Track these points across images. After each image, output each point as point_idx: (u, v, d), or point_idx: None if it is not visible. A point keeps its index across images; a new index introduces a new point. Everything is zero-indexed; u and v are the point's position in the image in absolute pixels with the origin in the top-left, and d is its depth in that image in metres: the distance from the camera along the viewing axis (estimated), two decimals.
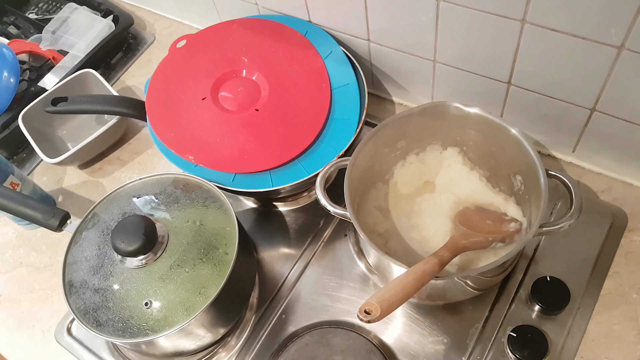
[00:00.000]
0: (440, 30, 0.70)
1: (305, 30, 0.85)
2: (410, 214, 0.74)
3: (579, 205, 0.61)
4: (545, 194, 0.61)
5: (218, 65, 0.84)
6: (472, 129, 0.70)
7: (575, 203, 0.61)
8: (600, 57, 0.60)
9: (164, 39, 1.09)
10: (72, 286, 0.67)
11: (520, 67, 0.68)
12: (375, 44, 0.81)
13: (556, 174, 0.63)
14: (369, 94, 0.83)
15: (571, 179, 0.63)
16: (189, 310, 0.63)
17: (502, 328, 0.67)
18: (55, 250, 0.86)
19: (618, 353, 0.64)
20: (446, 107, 0.69)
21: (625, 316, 0.66)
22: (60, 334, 0.78)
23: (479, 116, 0.68)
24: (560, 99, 0.69)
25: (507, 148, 0.67)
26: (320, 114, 0.78)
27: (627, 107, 0.65)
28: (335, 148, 0.75)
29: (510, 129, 0.66)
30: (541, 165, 0.62)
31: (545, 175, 0.62)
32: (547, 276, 0.68)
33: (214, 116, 0.80)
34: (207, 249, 0.67)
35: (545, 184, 0.61)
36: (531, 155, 0.64)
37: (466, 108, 0.68)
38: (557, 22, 0.60)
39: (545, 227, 0.60)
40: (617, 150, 0.73)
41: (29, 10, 1.16)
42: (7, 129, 0.95)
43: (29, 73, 1.03)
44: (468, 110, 0.68)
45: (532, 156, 0.64)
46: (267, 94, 0.80)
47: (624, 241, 0.71)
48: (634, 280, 0.68)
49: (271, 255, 0.79)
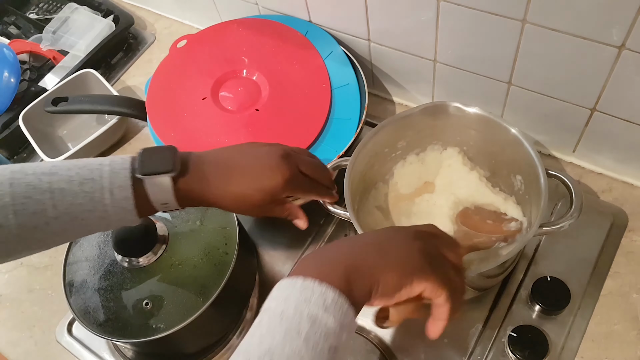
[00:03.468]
0: (440, 30, 0.70)
1: (306, 30, 0.85)
2: (411, 214, 0.74)
3: (579, 204, 0.60)
4: (546, 193, 0.61)
5: (218, 65, 0.84)
6: (472, 128, 0.70)
7: (575, 202, 0.61)
8: (600, 57, 0.60)
9: (165, 39, 1.09)
10: (72, 286, 0.67)
11: (520, 67, 0.68)
12: (376, 43, 0.81)
13: (556, 174, 0.63)
14: (369, 93, 0.83)
15: (571, 179, 0.63)
16: (189, 310, 0.63)
17: (502, 328, 0.67)
18: (55, 250, 0.85)
19: (618, 353, 0.64)
20: (446, 107, 0.69)
21: (626, 316, 0.66)
22: (61, 334, 0.78)
23: (479, 116, 0.68)
24: (560, 99, 0.69)
25: (507, 148, 0.67)
26: (320, 114, 0.78)
27: (627, 107, 0.65)
28: (335, 148, 0.75)
29: (510, 128, 0.66)
30: (541, 164, 0.62)
31: (545, 175, 0.62)
32: (548, 276, 0.68)
33: (214, 116, 0.80)
34: (207, 249, 0.67)
35: (545, 184, 0.61)
36: (531, 155, 0.64)
37: (466, 108, 0.68)
38: (558, 22, 0.60)
39: (545, 227, 0.60)
40: (618, 150, 0.73)
41: (30, 10, 1.17)
42: (8, 129, 0.95)
43: (29, 73, 1.03)
44: (468, 110, 0.68)
45: (532, 156, 0.63)
46: (267, 94, 0.80)
47: (624, 241, 0.71)
48: (635, 280, 0.68)
49: (271, 255, 0.79)
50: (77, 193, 0.48)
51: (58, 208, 0.47)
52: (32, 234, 0.47)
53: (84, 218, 0.48)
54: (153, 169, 0.50)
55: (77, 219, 0.48)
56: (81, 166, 0.49)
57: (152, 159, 0.51)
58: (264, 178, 0.54)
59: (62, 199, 0.47)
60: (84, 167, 0.49)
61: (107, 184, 0.48)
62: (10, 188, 0.46)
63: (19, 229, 0.46)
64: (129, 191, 0.49)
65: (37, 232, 0.47)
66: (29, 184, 0.47)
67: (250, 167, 0.55)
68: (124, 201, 0.49)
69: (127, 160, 0.50)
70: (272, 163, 0.55)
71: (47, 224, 0.47)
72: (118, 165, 0.50)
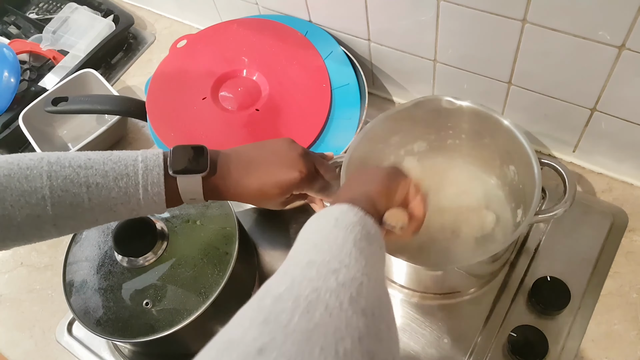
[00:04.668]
0: (440, 30, 0.70)
1: (306, 30, 0.85)
2: None
3: (573, 192, 0.61)
4: (539, 182, 0.61)
5: (218, 65, 0.84)
6: (465, 121, 0.70)
7: (568, 190, 0.61)
8: (600, 57, 0.60)
9: (165, 39, 1.09)
10: (72, 286, 0.67)
11: (520, 67, 0.68)
12: (376, 43, 0.81)
13: (549, 162, 0.64)
14: (369, 93, 0.83)
15: (564, 167, 0.63)
16: (189, 310, 0.63)
17: (502, 328, 0.67)
18: (55, 250, 0.86)
19: (618, 353, 0.64)
20: (438, 101, 0.70)
21: (626, 316, 0.66)
22: (61, 334, 0.78)
23: (471, 108, 0.68)
24: (560, 99, 0.69)
25: (499, 139, 0.68)
26: (320, 114, 0.78)
27: (627, 107, 0.65)
28: (335, 148, 0.75)
29: (502, 120, 0.66)
30: (534, 154, 0.63)
31: (538, 164, 0.62)
32: (547, 276, 0.68)
33: (214, 116, 0.80)
34: (207, 249, 0.67)
35: (538, 172, 0.61)
36: (524, 145, 0.64)
37: (457, 101, 0.68)
38: (558, 22, 0.60)
39: (540, 215, 0.61)
40: (618, 150, 0.73)
41: (30, 10, 1.17)
42: (8, 128, 0.96)
43: (29, 73, 1.03)
44: (460, 104, 0.69)
45: (524, 146, 0.64)
46: (267, 94, 0.80)
47: (624, 241, 0.71)
48: (635, 280, 0.68)
49: (271, 255, 0.79)
50: (112, 188, 0.51)
51: (93, 201, 0.50)
52: (67, 222, 0.51)
53: (117, 210, 0.52)
54: (185, 168, 0.53)
55: (110, 211, 0.52)
56: (115, 160, 0.52)
57: (184, 158, 0.54)
58: (282, 174, 0.57)
59: (97, 193, 0.50)
60: (118, 162, 0.52)
61: (141, 180, 0.51)
62: (49, 181, 0.49)
63: (56, 219, 0.49)
64: (162, 187, 0.52)
65: (71, 221, 0.51)
66: (66, 177, 0.49)
67: (270, 163, 0.58)
68: (156, 196, 0.52)
69: (159, 157, 0.53)
70: (291, 160, 0.58)
71: (82, 215, 0.51)
72: (151, 162, 0.53)
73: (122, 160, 0.52)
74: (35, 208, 0.48)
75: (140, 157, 0.52)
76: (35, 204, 0.48)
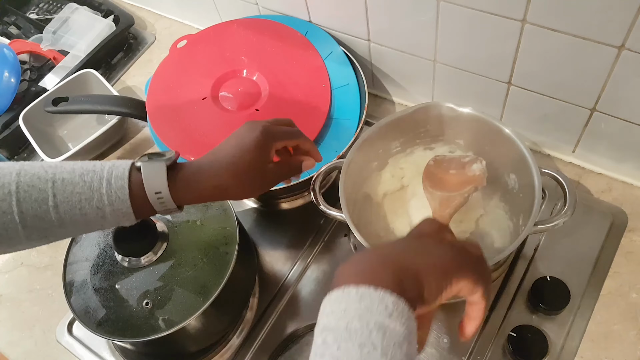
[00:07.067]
0: (440, 30, 0.70)
1: (306, 30, 0.85)
2: (407, 213, 0.74)
3: (573, 202, 0.61)
4: (539, 191, 0.61)
5: (218, 65, 0.84)
6: (466, 128, 0.70)
7: (569, 200, 0.61)
8: (600, 57, 0.60)
9: (165, 39, 1.09)
10: (72, 286, 0.67)
11: (520, 67, 0.68)
12: (376, 44, 0.81)
13: (549, 172, 0.64)
14: (369, 94, 0.83)
15: (564, 176, 0.63)
16: (189, 310, 0.63)
17: (502, 328, 0.67)
18: (56, 250, 0.86)
19: (618, 353, 0.64)
20: (439, 108, 0.70)
21: (625, 316, 0.66)
22: (61, 334, 0.78)
23: (472, 116, 0.68)
24: (560, 99, 0.69)
25: (500, 147, 0.68)
26: (320, 114, 0.78)
27: (627, 107, 0.65)
28: (335, 148, 0.75)
29: (504, 128, 0.66)
30: (534, 163, 0.63)
31: (538, 173, 0.62)
32: (547, 276, 0.68)
33: (214, 116, 0.80)
34: (207, 249, 0.67)
35: (538, 182, 0.61)
36: (524, 153, 0.64)
37: (459, 108, 0.69)
38: (558, 22, 0.60)
39: (540, 225, 0.61)
40: (617, 150, 0.73)
41: (30, 10, 1.17)
42: (8, 129, 0.96)
43: (29, 73, 1.03)
44: (461, 110, 0.69)
45: (525, 154, 0.64)
46: (267, 94, 0.80)
47: (624, 241, 0.71)
48: (634, 280, 0.68)
49: (271, 255, 0.79)
50: (77, 182, 0.50)
51: (58, 197, 0.50)
52: (33, 222, 0.50)
53: (82, 207, 0.50)
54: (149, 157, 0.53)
55: (75, 209, 0.50)
56: (87, 164, 0.52)
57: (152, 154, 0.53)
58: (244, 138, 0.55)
59: (62, 188, 0.50)
60: (89, 164, 0.52)
61: (105, 174, 0.51)
62: (17, 177, 0.49)
63: (21, 216, 0.49)
64: (125, 181, 0.51)
65: (37, 220, 0.50)
66: (34, 174, 0.50)
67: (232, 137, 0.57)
68: (119, 190, 0.51)
69: (129, 160, 0.53)
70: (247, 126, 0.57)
71: (47, 212, 0.50)
72: (121, 162, 0.53)
73: (94, 163, 0.52)
74: (2, 204, 0.48)
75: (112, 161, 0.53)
76: (2, 199, 0.48)
